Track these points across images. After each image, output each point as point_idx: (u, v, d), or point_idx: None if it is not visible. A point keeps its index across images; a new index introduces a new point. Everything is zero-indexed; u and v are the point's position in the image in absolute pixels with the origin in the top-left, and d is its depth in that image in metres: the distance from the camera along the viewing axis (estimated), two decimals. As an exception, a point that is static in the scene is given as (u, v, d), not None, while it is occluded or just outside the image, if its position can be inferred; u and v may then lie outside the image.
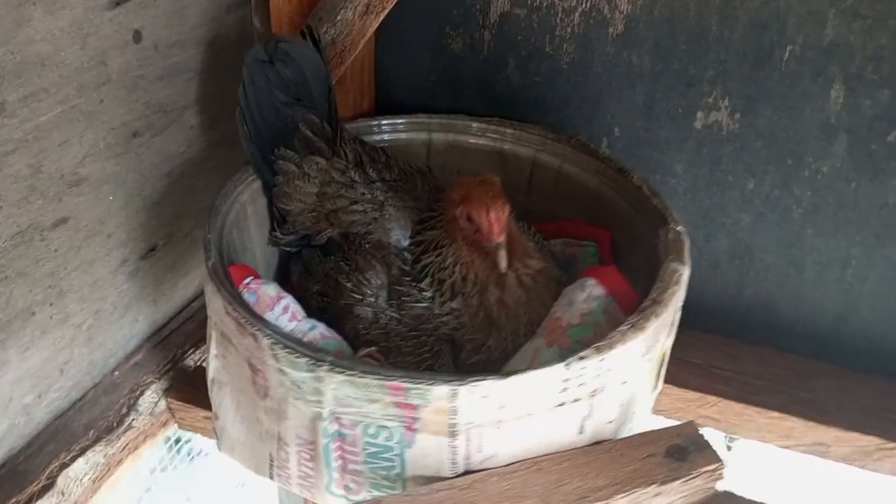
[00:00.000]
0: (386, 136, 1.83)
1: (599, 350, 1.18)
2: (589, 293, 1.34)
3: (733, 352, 1.90)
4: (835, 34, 1.55)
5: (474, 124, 1.82)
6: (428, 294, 1.45)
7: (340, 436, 1.18)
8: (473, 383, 1.11)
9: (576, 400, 1.21)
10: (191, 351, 1.80)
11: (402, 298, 1.46)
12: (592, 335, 1.30)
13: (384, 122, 1.83)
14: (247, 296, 1.34)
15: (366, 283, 1.49)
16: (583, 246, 1.67)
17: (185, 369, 1.77)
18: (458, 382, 1.11)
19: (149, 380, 1.68)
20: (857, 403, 1.75)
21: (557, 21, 1.73)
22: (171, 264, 1.79)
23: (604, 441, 1.31)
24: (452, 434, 1.17)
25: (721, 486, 1.26)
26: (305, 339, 1.33)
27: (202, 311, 1.85)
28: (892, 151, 1.63)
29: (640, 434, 1.36)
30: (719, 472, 1.27)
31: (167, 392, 1.70)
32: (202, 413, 1.65)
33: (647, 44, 1.68)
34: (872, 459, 1.69)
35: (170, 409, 1.70)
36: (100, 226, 1.53)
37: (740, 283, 1.87)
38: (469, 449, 1.17)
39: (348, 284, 1.50)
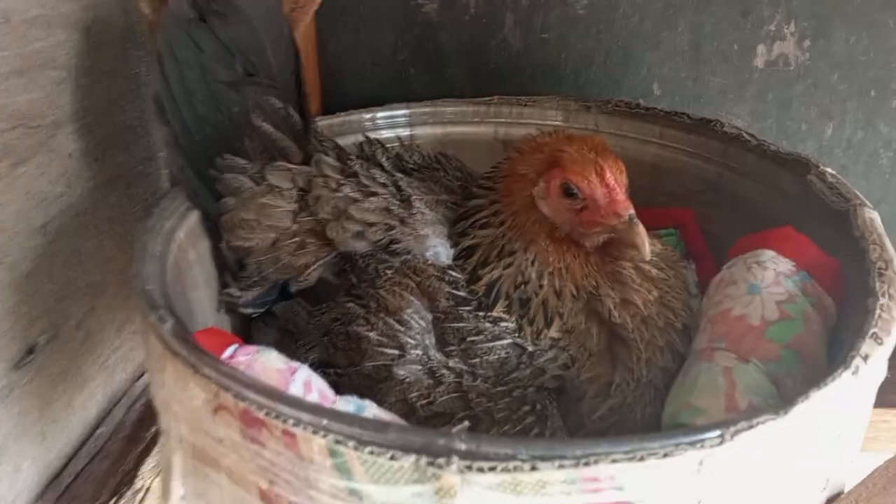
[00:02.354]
0: (351, 139, 1.31)
1: (879, 339, 0.72)
2: (776, 271, 0.88)
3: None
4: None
5: (468, 108, 1.36)
6: (509, 325, 0.94)
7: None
8: (740, 430, 0.60)
9: (839, 435, 0.73)
10: (112, 503, 1.15)
11: (469, 339, 0.93)
12: (804, 332, 0.84)
13: (344, 118, 1.31)
14: (238, 375, 0.76)
15: (402, 327, 0.95)
16: (659, 237, 1.22)
17: (109, 531, 1.13)
18: (713, 436, 0.60)
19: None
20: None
21: (567, -49, 1.31)
22: (59, 374, 1.16)
23: (838, 496, 0.83)
24: (681, 538, 0.64)
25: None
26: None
27: (114, 439, 1.24)
28: None
29: (875, 475, 0.90)
30: None
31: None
32: None
33: (688, -36, 1.30)
34: None
35: None
36: (-59, 315, 0.90)
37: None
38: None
39: (372, 335, 0.96)
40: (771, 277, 0.87)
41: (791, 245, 0.90)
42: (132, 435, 1.24)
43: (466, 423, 0.84)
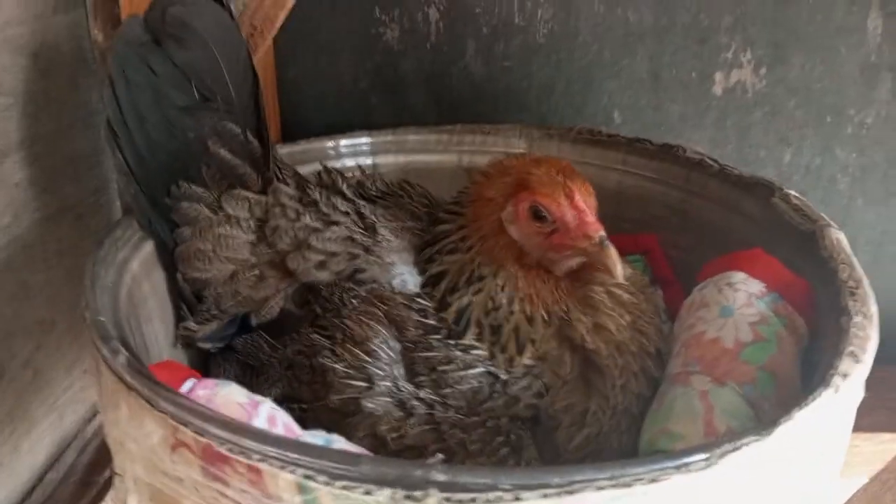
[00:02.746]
0: (312, 167, 1.28)
1: (857, 358, 0.71)
2: (748, 292, 0.87)
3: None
4: (869, -54, 1.28)
5: (431, 136, 1.34)
6: (481, 353, 0.91)
7: None
8: (726, 452, 0.58)
9: (821, 456, 0.72)
10: (60, 550, 1.09)
11: (440, 369, 0.90)
12: (777, 353, 0.83)
13: (305, 146, 1.29)
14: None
15: (370, 357, 0.92)
16: (628, 262, 1.21)
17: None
18: (699, 459, 0.58)
19: None
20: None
21: (527, -20, 1.32)
22: (5, 415, 1.10)
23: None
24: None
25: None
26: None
27: (65, 484, 1.19)
28: (942, 85, 1.36)
29: (854, 499, 0.90)
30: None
31: None
32: None
33: (646, -7, 1.32)
34: None
35: None
36: None
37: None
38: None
39: (339, 367, 0.92)
40: (743, 299, 0.87)
41: (761, 266, 0.90)
42: (84, 479, 1.18)
43: (440, 455, 0.81)
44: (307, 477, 0.57)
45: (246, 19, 1.09)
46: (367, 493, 0.56)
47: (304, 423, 0.81)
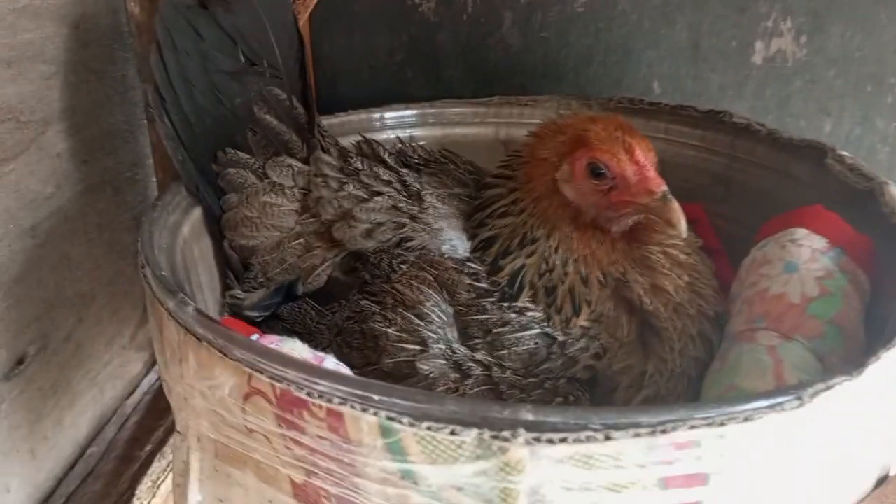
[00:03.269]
0: (353, 139, 1.26)
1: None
2: (812, 247, 0.86)
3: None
4: None
5: (469, 109, 1.32)
6: (537, 314, 0.90)
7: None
8: (818, 392, 0.57)
9: (897, 405, 0.70)
10: (107, 524, 1.08)
11: (496, 331, 0.89)
12: (844, 308, 0.81)
13: (344, 118, 1.27)
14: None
15: (422, 321, 0.91)
16: (670, 233, 1.20)
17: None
18: (791, 399, 0.56)
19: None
20: None
21: (566, -51, 1.31)
22: (49, 387, 1.09)
23: (885, 478, 0.80)
24: (753, 516, 0.60)
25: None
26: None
27: (106, 459, 1.18)
28: (984, 53, 1.34)
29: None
30: None
31: None
32: None
33: (686, -39, 1.30)
34: None
35: None
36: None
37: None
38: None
39: (391, 331, 0.91)
40: (807, 254, 0.85)
41: (822, 222, 0.88)
42: (125, 454, 1.17)
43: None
44: (391, 419, 0.56)
45: (289, -14, 1.08)
46: (453, 433, 0.54)
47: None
